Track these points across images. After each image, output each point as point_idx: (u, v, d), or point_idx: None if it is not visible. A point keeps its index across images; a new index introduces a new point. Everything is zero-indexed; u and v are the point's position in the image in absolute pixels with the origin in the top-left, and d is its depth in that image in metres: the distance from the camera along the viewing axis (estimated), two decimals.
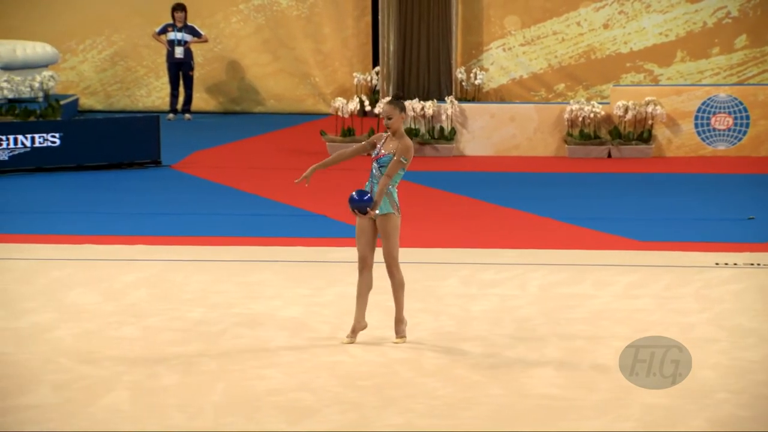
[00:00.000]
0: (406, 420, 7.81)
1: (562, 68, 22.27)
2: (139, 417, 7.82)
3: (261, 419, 7.81)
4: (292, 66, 22.96)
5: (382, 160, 9.26)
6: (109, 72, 23.21)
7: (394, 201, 9.31)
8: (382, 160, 9.26)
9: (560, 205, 15.07)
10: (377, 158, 9.29)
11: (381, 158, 9.26)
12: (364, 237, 9.34)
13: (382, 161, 9.26)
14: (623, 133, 18.46)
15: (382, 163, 9.25)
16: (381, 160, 9.26)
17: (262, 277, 11.44)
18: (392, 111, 9.24)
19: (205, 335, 9.65)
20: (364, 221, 9.35)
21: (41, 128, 17.07)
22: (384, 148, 9.29)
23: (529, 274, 11.53)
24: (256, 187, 16.23)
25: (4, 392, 8.27)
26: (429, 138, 18.51)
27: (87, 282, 11.19)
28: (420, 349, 9.32)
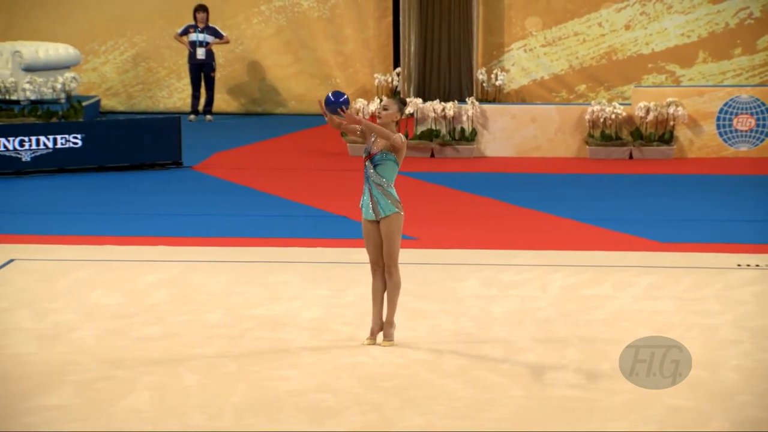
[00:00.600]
0: (426, 421, 7.81)
1: (583, 69, 22.24)
2: (160, 417, 7.84)
3: (282, 420, 7.82)
4: (313, 67, 22.98)
5: (376, 158, 9.06)
6: (130, 73, 23.28)
7: (395, 199, 9.14)
8: (375, 159, 9.06)
9: (581, 206, 15.04)
10: (370, 157, 9.08)
11: (374, 157, 9.06)
12: (372, 240, 9.23)
13: (375, 160, 9.06)
14: (645, 134, 18.42)
15: (377, 161, 9.06)
16: (375, 158, 9.06)
17: (283, 278, 11.45)
18: (391, 104, 9.14)
19: (226, 336, 9.67)
20: (368, 226, 9.21)
21: (63, 129, 17.13)
22: (374, 147, 9.08)
23: (549, 276, 11.51)
24: (276, 188, 16.25)
25: (27, 392, 8.31)
26: (450, 139, 18.50)
27: (108, 283, 11.23)
28: (440, 351, 9.31)
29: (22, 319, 10.08)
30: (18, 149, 16.81)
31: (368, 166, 9.09)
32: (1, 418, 7.80)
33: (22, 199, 15.48)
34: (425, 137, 18.53)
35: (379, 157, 9.03)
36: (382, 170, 9.07)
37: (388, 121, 9.06)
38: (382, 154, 9.02)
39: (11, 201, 15.39)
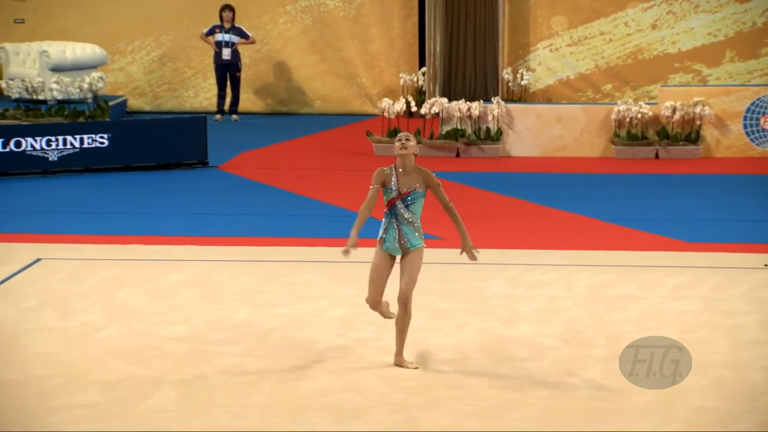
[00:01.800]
0: (452, 421, 7.80)
1: (609, 69, 22.18)
2: (185, 417, 7.85)
3: (308, 419, 7.82)
4: (339, 67, 22.99)
5: (411, 197, 8.70)
6: (157, 73, 23.34)
7: (422, 232, 8.86)
8: (409, 198, 8.70)
9: (607, 206, 15.00)
10: (401, 197, 8.71)
11: (407, 196, 8.70)
12: (381, 278, 8.86)
13: (409, 199, 8.70)
14: (671, 134, 18.36)
15: (412, 200, 8.71)
16: (407, 198, 8.70)
17: (309, 278, 11.46)
18: (411, 137, 8.75)
19: (252, 335, 9.68)
20: (383, 262, 8.88)
21: (90, 129, 17.19)
22: (403, 186, 8.70)
23: (576, 275, 11.48)
24: (302, 187, 16.27)
25: (54, 391, 8.34)
26: (475, 138, 18.48)
27: (135, 282, 11.26)
28: (466, 350, 9.30)
29: (48, 318, 10.13)
30: (45, 149, 16.88)
31: (398, 205, 8.75)
32: (28, 417, 7.83)
33: (49, 199, 15.55)
34: (450, 137, 18.51)
35: (412, 197, 8.75)
36: (415, 208, 8.79)
37: (412, 152, 8.73)
38: (415, 193, 8.75)
39: (38, 200, 15.45)
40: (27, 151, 16.80)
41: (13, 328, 9.85)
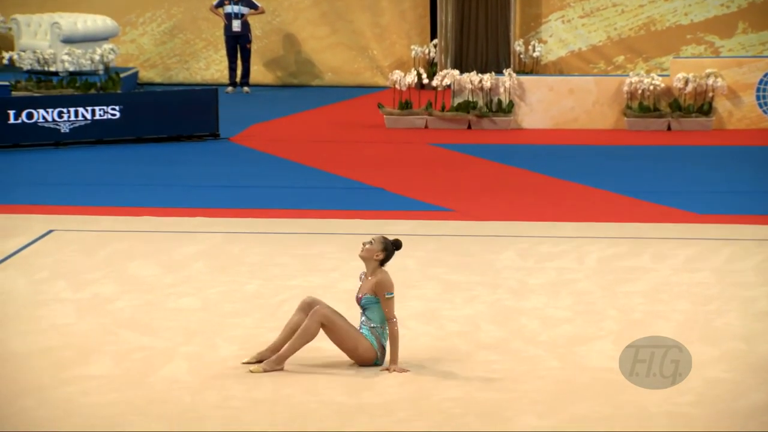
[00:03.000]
0: (464, 393, 7.82)
1: (621, 40, 22.10)
2: (197, 388, 7.88)
3: (319, 391, 7.84)
4: (350, 39, 22.94)
5: (363, 302, 8.29)
6: (168, 45, 23.31)
7: (381, 344, 8.27)
8: (363, 302, 8.30)
9: (619, 178, 14.97)
10: (357, 301, 8.35)
11: (361, 300, 8.31)
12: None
13: (363, 303, 8.30)
14: (683, 106, 18.30)
15: (363, 305, 8.29)
16: (362, 302, 8.30)
17: (320, 250, 11.46)
18: (377, 241, 8.29)
19: (264, 307, 9.70)
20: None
21: (101, 101, 17.19)
22: (361, 290, 8.33)
23: (587, 248, 11.48)
24: (313, 159, 16.26)
25: (67, 362, 8.37)
26: (487, 111, 18.44)
27: (147, 254, 11.28)
28: (477, 323, 9.31)
29: (60, 289, 10.15)
30: (57, 120, 16.89)
31: (360, 307, 8.38)
32: (41, 388, 7.87)
33: (61, 171, 15.57)
34: (462, 109, 18.48)
35: (367, 300, 8.29)
36: (371, 314, 8.29)
37: (368, 256, 8.27)
38: (367, 299, 8.28)
39: (50, 172, 15.47)
40: (39, 122, 16.81)
41: (25, 299, 9.89)
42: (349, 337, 8.21)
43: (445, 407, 7.57)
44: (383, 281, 8.24)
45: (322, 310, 8.19)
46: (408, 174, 15.34)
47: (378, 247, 8.30)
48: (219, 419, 7.37)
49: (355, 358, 8.26)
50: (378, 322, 8.28)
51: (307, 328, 8.15)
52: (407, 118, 18.51)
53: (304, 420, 7.37)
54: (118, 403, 7.60)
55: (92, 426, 7.24)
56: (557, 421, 7.34)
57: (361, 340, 8.23)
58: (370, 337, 8.27)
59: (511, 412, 7.49)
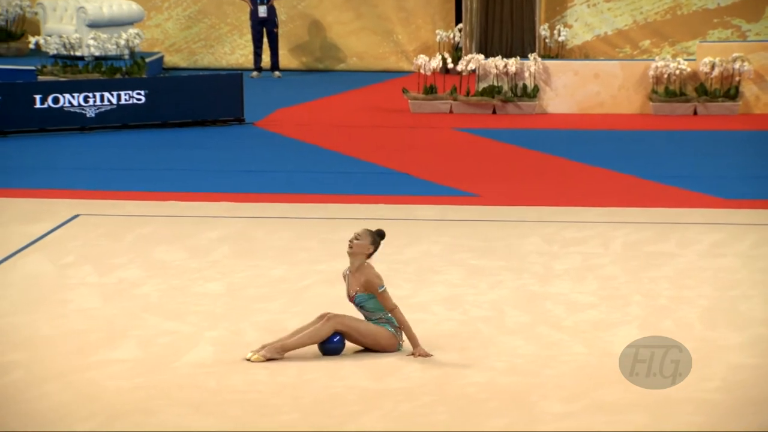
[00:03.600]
0: (488, 378, 7.82)
1: (647, 24, 22.00)
2: (223, 372, 7.91)
3: (344, 376, 7.86)
4: (375, 23, 22.91)
5: (357, 300, 8.22)
6: (193, 29, 23.34)
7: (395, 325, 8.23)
8: (357, 300, 8.22)
9: (644, 163, 14.93)
10: (351, 300, 8.27)
11: (354, 298, 8.23)
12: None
13: (357, 301, 8.22)
14: (709, 90, 18.22)
15: (359, 302, 8.22)
16: (356, 300, 8.22)
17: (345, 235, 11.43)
18: (364, 235, 8.26)
19: (288, 292, 9.72)
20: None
21: (127, 85, 17.24)
22: (350, 288, 8.24)
23: (612, 233, 11.45)
24: (338, 144, 16.27)
25: (93, 347, 8.41)
26: (512, 96, 18.40)
27: (172, 239, 11.31)
28: (502, 307, 9.31)
29: (86, 274, 10.20)
30: (82, 105, 16.95)
31: (355, 307, 8.31)
32: (67, 372, 7.91)
33: (87, 155, 15.62)
34: (487, 94, 18.44)
35: (362, 298, 8.22)
36: (369, 307, 8.23)
37: (357, 252, 8.22)
38: (360, 297, 8.22)
39: (76, 157, 15.53)
40: (64, 107, 16.87)
41: (51, 283, 9.94)
42: (367, 334, 8.20)
43: (469, 392, 7.58)
44: (370, 280, 8.16)
45: (337, 317, 8.17)
46: (432, 159, 15.33)
47: (367, 241, 8.27)
48: (244, 403, 7.40)
49: (380, 350, 8.26)
50: (382, 311, 8.24)
51: (319, 329, 8.13)
52: (432, 103, 18.49)
53: (328, 404, 7.39)
54: (144, 388, 7.63)
55: (118, 410, 7.27)
56: (582, 406, 7.33)
57: (380, 332, 8.22)
58: (386, 326, 8.25)
59: (536, 397, 7.49)
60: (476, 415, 7.24)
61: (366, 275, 8.20)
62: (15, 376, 7.84)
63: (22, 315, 9.10)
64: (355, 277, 8.27)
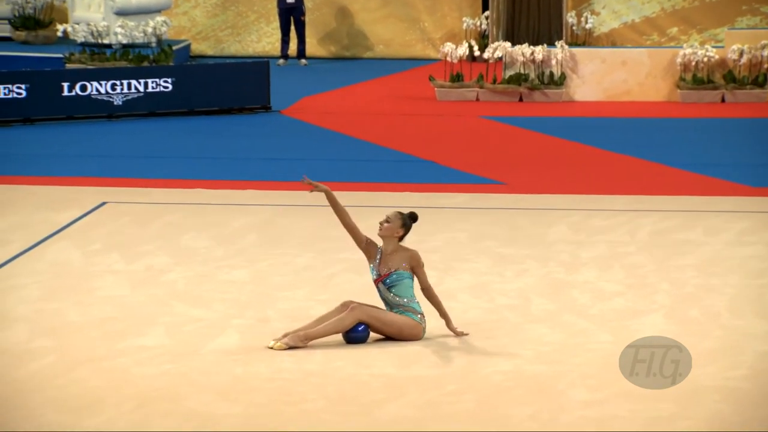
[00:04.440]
0: (514, 366, 7.82)
1: (675, 11, 21.90)
2: (249, 360, 7.93)
3: (370, 363, 7.87)
4: (401, 11, 22.88)
5: (390, 279, 8.19)
6: (220, 17, 23.36)
7: (419, 312, 8.26)
8: (389, 280, 8.19)
9: (672, 151, 14.88)
10: (381, 279, 8.21)
11: (387, 278, 8.19)
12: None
13: (389, 281, 8.19)
14: (738, 78, 18.13)
15: (391, 282, 8.19)
16: (388, 280, 8.19)
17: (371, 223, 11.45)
18: (394, 218, 8.27)
19: (314, 280, 9.74)
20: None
21: (154, 73, 17.28)
22: (384, 267, 8.20)
23: (639, 221, 11.42)
24: (364, 132, 16.27)
25: (121, 333, 8.45)
26: (538, 83, 18.36)
27: (199, 226, 11.35)
28: (528, 296, 9.30)
29: (114, 261, 10.24)
30: (110, 93, 17.00)
31: (381, 288, 8.25)
32: (95, 359, 7.95)
33: (114, 143, 15.68)
34: (513, 81, 18.40)
35: (397, 276, 8.20)
36: (399, 290, 8.22)
37: (387, 234, 8.24)
38: (397, 274, 8.20)
39: (103, 144, 15.59)
40: (92, 95, 16.93)
41: (79, 271, 9.98)
42: (391, 324, 8.21)
43: (495, 380, 7.58)
44: (416, 254, 8.25)
45: (361, 307, 8.19)
46: (459, 147, 15.31)
47: (397, 224, 8.31)
48: (270, 391, 7.42)
49: (403, 339, 8.26)
50: (408, 296, 8.25)
51: (343, 319, 8.15)
52: (458, 91, 18.46)
53: (353, 392, 7.40)
54: (171, 374, 7.66)
55: (146, 396, 7.31)
56: (608, 394, 7.32)
57: (404, 322, 8.23)
58: (409, 315, 8.26)
59: (562, 385, 7.48)
60: (502, 403, 7.24)
61: (410, 252, 8.24)
62: (45, 361, 7.88)
63: (50, 302, 9.15)
64: (392, 257, 8.27)
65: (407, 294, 8.26)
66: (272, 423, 6.98)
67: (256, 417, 7.07)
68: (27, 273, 9.87)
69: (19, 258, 10.32)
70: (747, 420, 6.99)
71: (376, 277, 8.28)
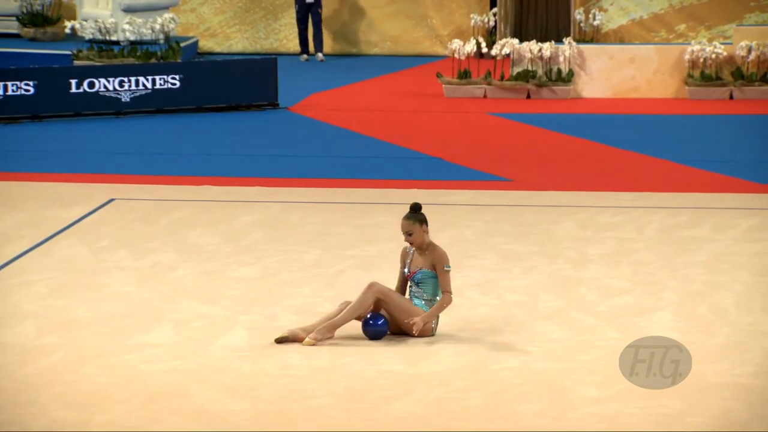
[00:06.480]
0: (522, 363, 7.82)
1: (683, 8, 21.87)
2: (257, 357, 7.94)
3: (377, 360, 7.88)
4: (409, 8, 22.87)
5: (417, 277, 8.34)
6: (228, 14, 23.37)
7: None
8: (416, 277, 8.34)
9: (679, 148, 14.86)
10: (410, 276, 8.38)
11: (414, 275, 8.35)
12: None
13: (416, 278, 8.34)
14: (746, 74, 18.10)
15: (417, 280, 8.34)
16: (415, 277, 8.35)
17: (378, 220, 11.48)
18: (411, 226, 8.33)
19: (321, 276, 9.74)
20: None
21: (161, 70, 17.29)
22: (414, 265, 8.37)
23: (646, 217, 11.41)
24: (371, 129, 16.27)
25: (129, 330, 8.46)
26: (546, 80, 18.35)
27: (206, 223, 11.36)
28: (536, 292, 9.30)
29: (121, 257, 10.25)
30: (118, 90, 17.01)
31: (410, 283, 8.42)
32: (104, 355, 7.96)
33: (122, 140, 15.69)
34: (521, 78, 18.39)
35: (422, 275, 8.34)
36: (425, 287, 8.36)
37: (420, 241, 8.33)
38: (423, 273, 8.35)
39: (111, 141, 15.60)
40: (100, 92, 16.94)
41: (87, 267, 9.99)
42: (405, 309, 8.25)
43: (503, 377, 7.58)
44: (443, 255, 8.33)
45: (379, 285, 8.26)
46: (466, 143, 15.31)
47: (417, 228, 8.35)
48: (278, 387, 7.43)
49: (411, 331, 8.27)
50: (432, 294, 8.33)
51: (363, 300, 8.21)
52: (466, 88, 18.45)
53: (361, 388, 7.41)
54: (179, 371, 7.67)
55: (154, 392, 7.32)
56: (616, 391, 7.32)
57: (416, 311, 8.25)
58: (426, 309, 8.29)
59: (570, 382, 7.48)
60: (510, 400, 7.24)
61: (438, 252, 8.33)
62: (54, 358, 7.90)
63: (58, 298, 9.16)
64: (421, 256, 8.36)
65: (430, 292, 8.35)
66: (280, 420, 6.99)
67: (264, 414, 7.08)
68: (35, 269, 9.88)
69: (28, 254, 10.34)
70: (756, 417, 6.98)
71: (408, 274, 8.40)
